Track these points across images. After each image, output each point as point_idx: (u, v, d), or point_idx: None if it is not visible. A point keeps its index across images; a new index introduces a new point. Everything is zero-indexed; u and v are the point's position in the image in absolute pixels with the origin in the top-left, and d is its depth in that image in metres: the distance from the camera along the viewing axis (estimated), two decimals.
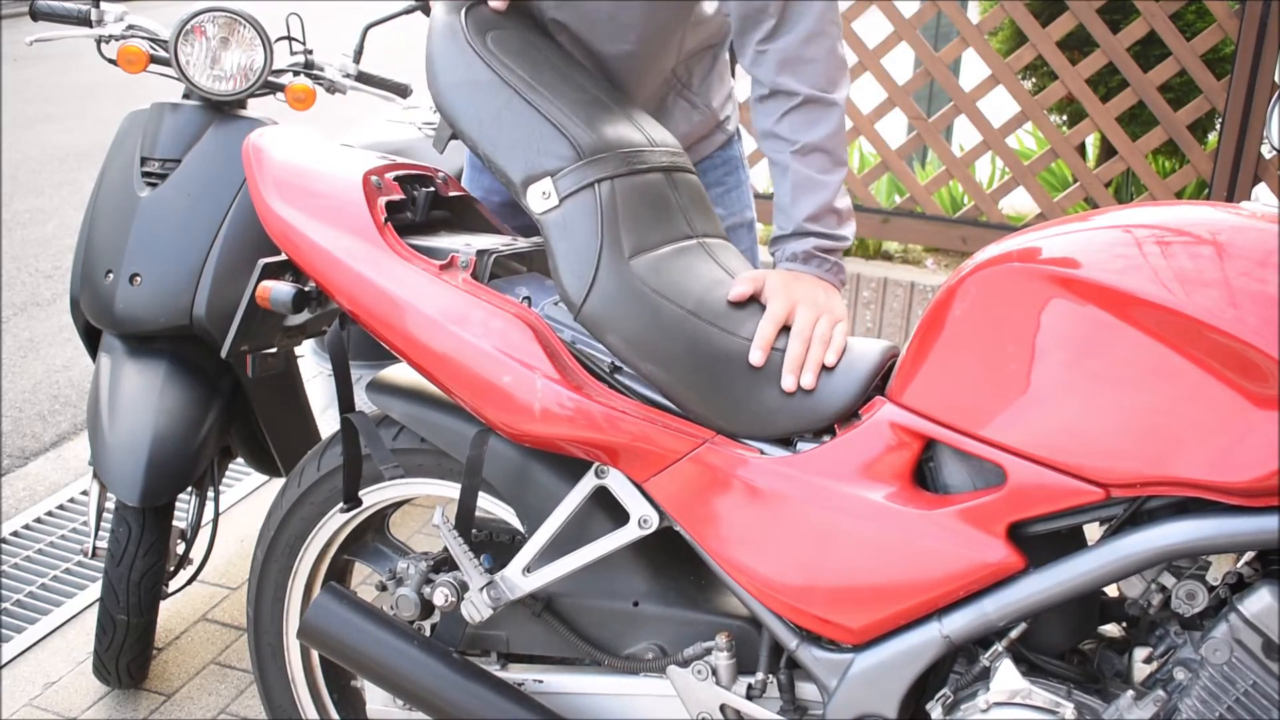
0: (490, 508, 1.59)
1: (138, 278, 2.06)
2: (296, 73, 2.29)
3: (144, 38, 2.21)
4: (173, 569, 2.16)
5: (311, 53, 2.32)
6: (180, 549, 2.16)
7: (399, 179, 1.57)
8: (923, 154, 4.92)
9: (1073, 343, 1.21)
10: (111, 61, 2.20)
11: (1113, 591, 1.41)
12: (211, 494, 2.21)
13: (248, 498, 2.91)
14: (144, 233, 2.07)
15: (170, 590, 2.17)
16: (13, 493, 2.98)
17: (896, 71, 3.78)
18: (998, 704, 1.28)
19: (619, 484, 1.44)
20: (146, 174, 2.12)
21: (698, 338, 1.38)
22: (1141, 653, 1.31)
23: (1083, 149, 4.12)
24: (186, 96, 2.19)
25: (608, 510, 1.47)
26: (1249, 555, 1.25)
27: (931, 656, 1.31)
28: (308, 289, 1.53)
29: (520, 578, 1.50)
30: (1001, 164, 4.40)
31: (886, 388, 1.36)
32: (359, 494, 1.60)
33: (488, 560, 1.55)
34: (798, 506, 1.34)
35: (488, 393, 1.39)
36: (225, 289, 2.05)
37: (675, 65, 1.77)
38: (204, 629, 2.40)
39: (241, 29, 2.11)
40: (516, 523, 1.56)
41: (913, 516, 1.29)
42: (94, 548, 2.08)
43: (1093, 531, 1.29)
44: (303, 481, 1.67)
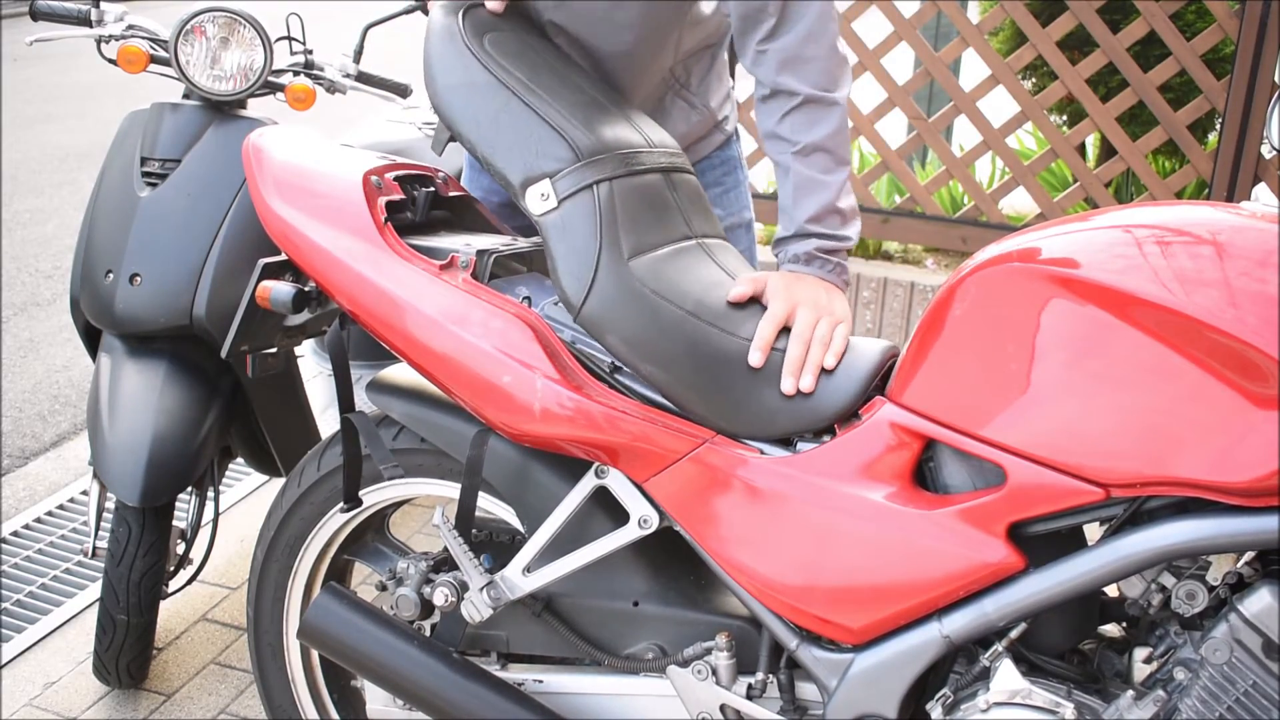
0: (490, 508, 1.59)
1: (138, 278, 2.06)
2: (296, 73, 2.29)
3: (144, 38, 2.21)
4: (173, 569, 2.16)
5: (311, 53, 2.32)
6: (180, 549, 2.16)
7: (399, 179, 1.57)
8: (923, 154, 4.92)
9: (1073, 343, 1.21)
10: (111, 61, 2.20)
11: (1113, 591, 1.41)
12: (211, 494, 2.21)
13: (248, 498, 2.91)
14: (144, 233, 2.07)
15: (170, 590, 2.17)
16: (13, 493, 2.98)
17: (896, 71, 3.78)
18: (998, 704, 1.28)
19: (619, 484, 1.44)
20: (146, 174, 2.12)
21: (697, 338, 1.38)
22: (1141, 653, 1.31)
23: (1083, 149, 4.12)
24: (186, 96, 2.19)
25: (608, 510, 1.47)
26: (1249, 555, 1.25)
27: (931, 656, 1.31)
28: (308, 289, 1.53)
29: (520, 578, 1.50)
30: (1001, 164, 4.39)
31: (886, 388, 1.36)
32: (359, 494, 1.60)
33: (488, 560, 1.55)
34: (798, 506, 1.34)
35: (488, 393, 1.39)
36: (225, 289, 2.05)
37: (673, 65, 1.77)
38: (204, 629, 2.40)
39: (241, 29, 2.11)
40: (516, 523, 1.56)
41: (913, 516, 1.29)
42: (94, 548, 2.08)
43: (1093, 531, 1.29)
44: (303, 481, 1.67)
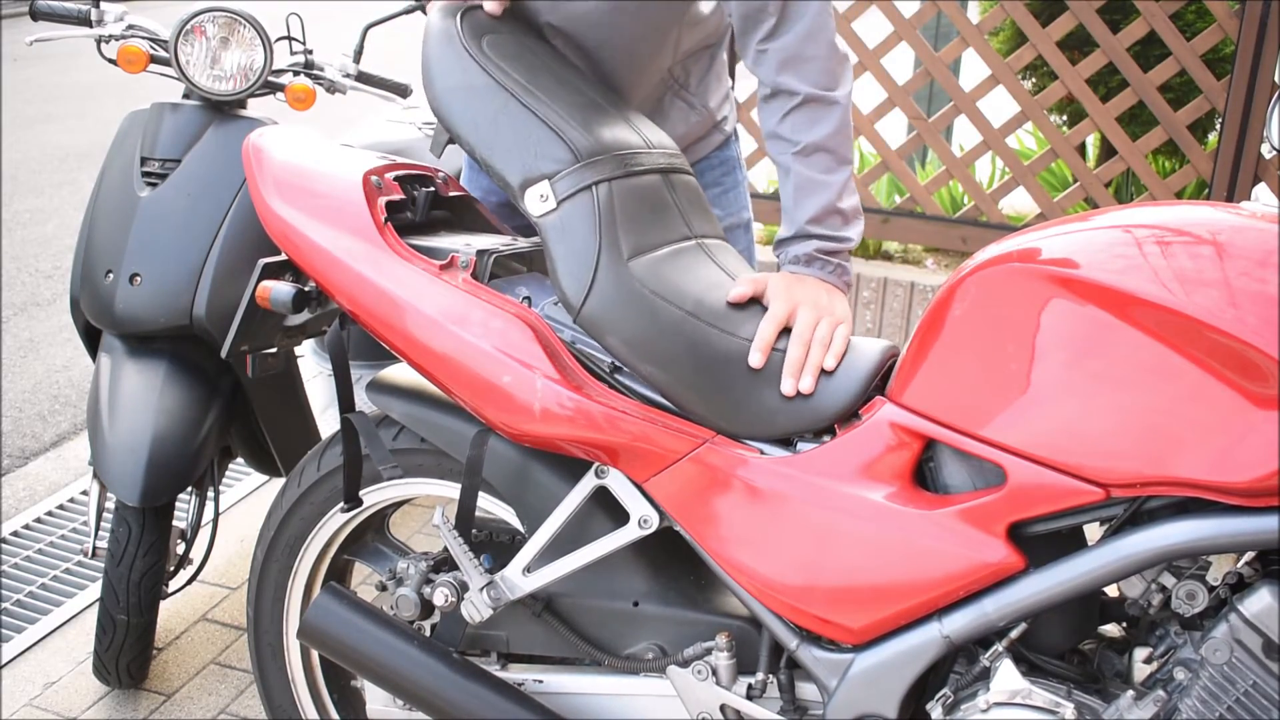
0: (490, 508, 1.59)
1: (138, 278, 2.06)
2: (296, 73, 2.29)
3: (144, 38, 2.21)
4: (173, 569, 2.16)
5: (311, 53, 2.32)
6: (180, 549, 2.16)
7: (399, 179, 1.57)
8: (923, 154, 4.92)
9: (1073, 343, 1.21)
10: (111, 61, 2.20)
11: (1113, 591, 1.41)
12: (211, 494, 2.21)
13: (248, 498, 2.91)
14: (144, 233, 2.07)
15: (170, 590, 2.17)
16: (13, 493, 2.98)
17: (896, 71, 3.78)
18: (998, 704, 1.28)
19: (619, 484, 1.44)
20: (146, 174, 2.12)
21: (697, 339, 1.38)
22: (1141, 653, 1.31)
23: (1083, 149, 4.12)
24: (186, 96, 2.19)
25: (608, 510, 1.47)
26: (1249, 555, 1.25)
27: (932, 656, 1.31)
28: (308, 289, 1.53)
29: (520, 578, 1.50)
30: (1001, 164, 4.39)
31: (886, 388, 1.36)
32: (359, 494, 1.60)
33: (488, 560, 1.55)
34: (798, 506, 1.34)
35: (488, 393, 1.39)
36: (225, 289, 2.05)
37: (672, 65, 1.77)
38: (204, 629, 2.40)
39: (241, 29, 2.11)
40: (516, 523, 1.56)
41: (913, 516, 1.29)
42: (94, 548, 2.08)
43: (1093, 531, 1.29)
44: (303, 481, 1.67)
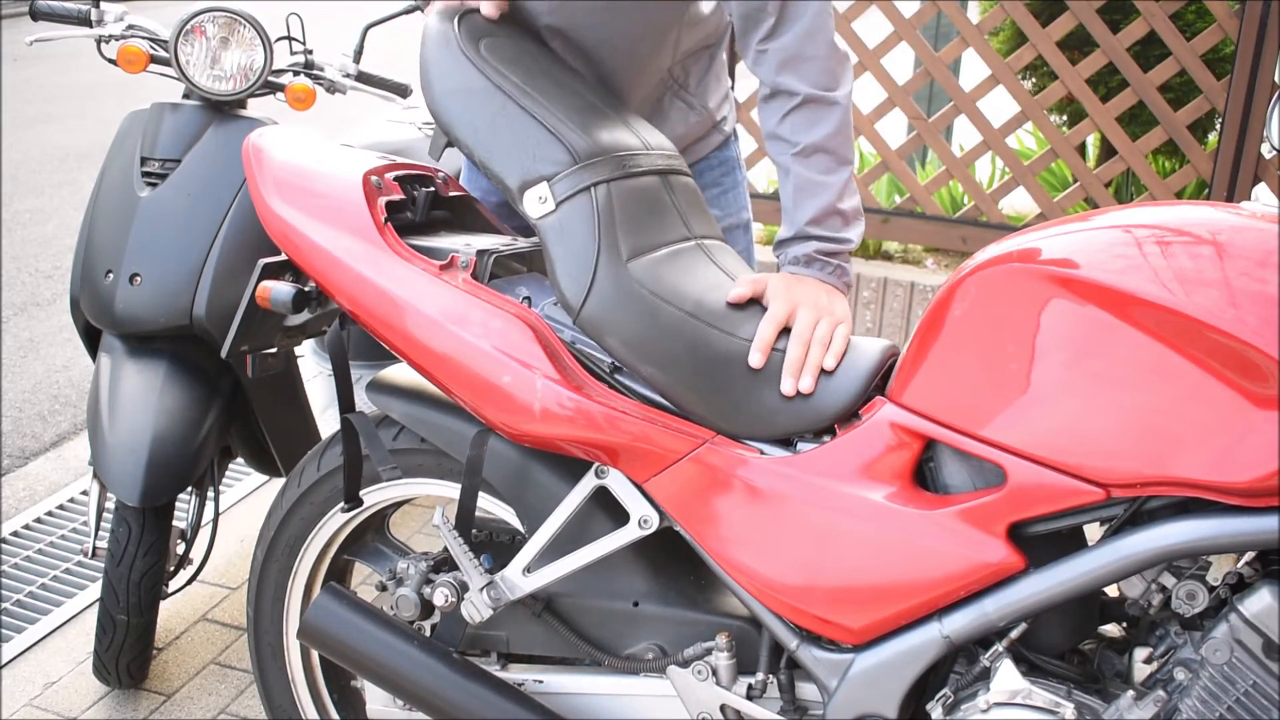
0: (490, 508, 1.59)
1: (138, 278, 2.06)
2: (296, 73, 2.29)
3: (144, 38, 2.21)
4: (173, 569, 2.16)
5: (311, 53, 2.32)
6: (180, 549, 2.16)
7: (399, 179, 1.57)
8: (923, 154, 4.92)
9: (1073, 343, 1.21)
10: (111, 61, 2.20)
11: (1113, 591, 1.41)
12: (211, 494, 2.21)
13: (248, 498, 2.91)
14: (144, 233, 2.07)
15: (170, 590, 2.17)
16: (13, 493, 2.98)
17: (896, 71, 3.78)
18: (998, 704, 1.28)
19: (619, 484, 1.44)
20: (146, 174, 2.12)
21: (697, 339, 1.38)
22: (1141, 653, 1.31)
23: (1083, 149, 4.12)
24: (186, 96, 2.19)
25: (608, 510, 1.47)
26: (1249, 555, 1.25)
27: (932, 657, 1.31)
28: (308, 289, 1.53)
29: (520, 578, 1.50)
30: (1001, 164, 4.39)
31: (886, 388, 1.36)
32: (359, 494, 1.60)
33: (488, 560, 1.55)
34: (798, 507, 1.34)
35: (488, 393, 1.39)
36: (225, 289, 2.05)
37: (671, 66, 1.77)
38: (204, 629, 2.40)
39: (241, 29, 2.11)
40: (516, 523, 1.56)
41: (913, 516, 1.29)
42: (94, 548, 2.08)
43: (1093, 531, 1.29)
44: (303, 481, 1.67)
